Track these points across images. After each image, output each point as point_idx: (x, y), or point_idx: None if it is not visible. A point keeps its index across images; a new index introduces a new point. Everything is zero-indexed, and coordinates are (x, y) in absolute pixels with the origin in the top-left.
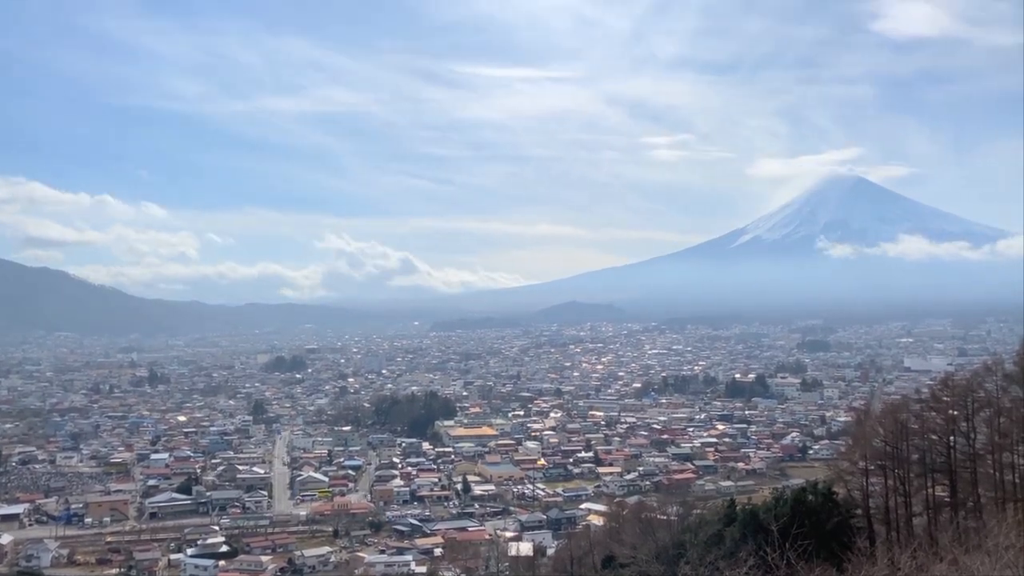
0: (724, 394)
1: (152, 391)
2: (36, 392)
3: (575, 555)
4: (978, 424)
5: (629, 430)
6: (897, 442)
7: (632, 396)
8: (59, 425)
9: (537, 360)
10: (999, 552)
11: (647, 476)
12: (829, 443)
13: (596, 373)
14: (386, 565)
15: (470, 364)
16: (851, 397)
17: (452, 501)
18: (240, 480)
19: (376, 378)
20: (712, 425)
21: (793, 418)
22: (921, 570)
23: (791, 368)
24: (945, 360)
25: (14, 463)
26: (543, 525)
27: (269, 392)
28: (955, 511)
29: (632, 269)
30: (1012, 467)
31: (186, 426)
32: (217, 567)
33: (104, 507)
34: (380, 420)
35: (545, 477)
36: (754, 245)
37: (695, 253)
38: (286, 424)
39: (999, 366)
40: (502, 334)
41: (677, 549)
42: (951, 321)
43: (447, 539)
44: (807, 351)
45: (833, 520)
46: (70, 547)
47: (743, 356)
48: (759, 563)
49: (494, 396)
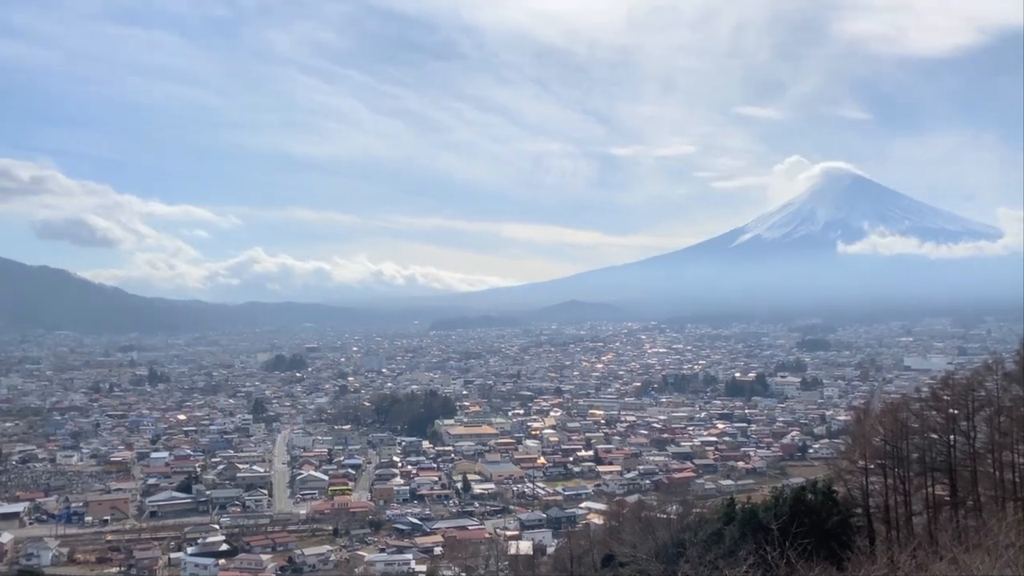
0: (724, 393)
1: (152, 390)
2: (36, 391)
3: (575, 554)
4: (978, 423)
5: (629, 429)
6: (897, 441)
7: (632, 395)
8: (59, 424)
9: (537, 359)
10: (999, 551)
11: (647, 475)
12: (829, 442)
13: (596, 372)
14: (386, 564)
15: (470, 363)
16: (851, 396)
17: (452, 500)
18: (240, 479)
19: (376, 377)
20: (712, 424)
21: (793, 417)
22: (921, 569)
23: (791, 367)
24: (945, 359)
25: (14, 461)
26: (543, 524)
27: (269, 391)
28: (955, 510)
29: (632, 268)
30: (1012, 466)
31: (186, 425)
32: (217, 566)
33: (104, 506)
34: (380, 419)
35: (545, 476)
36: (754, 244)
37: (695, 252)
38: (286, 423)
39: (999, 365)
40: (502, 333)
41: (677, 548)
42: (951, 320)
43: (447, 538)
44: (807, 350)
45: (833, 519)
46: (70, 546)
47: (743, 355)
48: (759, 562)
49: (494, 395)
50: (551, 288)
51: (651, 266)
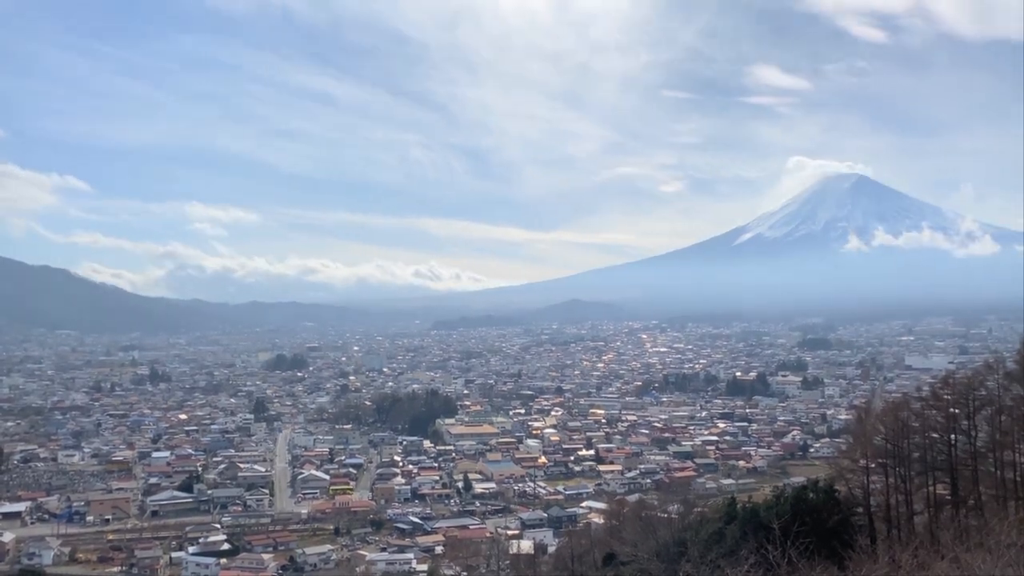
0: (725, 392)
1: (153, 389)
2: (38, 390)
3: (576, 553)
4: (979, 422)
5: (630, 428)
6: (898, 440)
7: (633, 394)
8: (61, 423)
9: (538, 358)
10: (1000, 550)
11: (648, 474)
12: (830, 441)
13: (597, 371)
14: (387, 563)
15: (471, 362)
16: (852, 395)
17: (453, 499)
18: (241, 478)
19: (377, 376)
20: (713, 423)
21: (794, 416)
22: (922, 568)
23: (792, 366)
24: (946, 358)
25: (16, 461)
26: (544, 523)
27: (270, 390)
28: (956, 509)
29: (633, 267)
30: (1013, 465)
31: (187, 424)
32: (218, 565)
33: (106, 505)
34: (381, 418)
35: (546, 475)
36: (755, 243)
37: (696, 251)
38: (287, 422)
39: (1000, 364)
40: (503, 332)
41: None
42: (952, 319)
43: (448, 537)
44: (808, 349)
45: (834, 518)
46: (72, 545)
47: (744, 354)
48: (760, 561)
49: (495, 394)
50: (552, 287)
51: (652, 265)
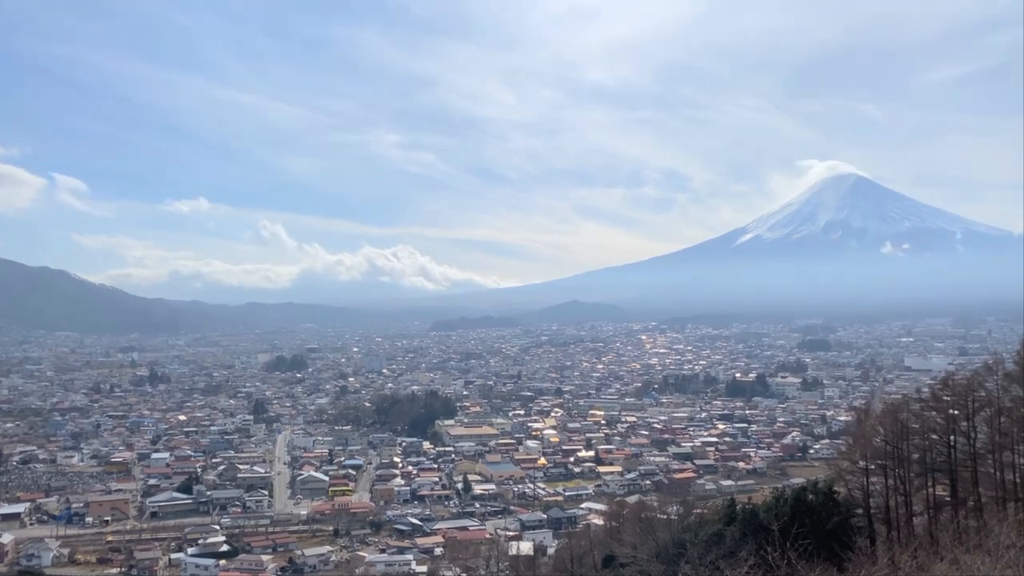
0: (724, 393)
1: (153, 390)
2: (37, 391)
3: (575, 554)
4: (979, 423)
5: (629, 429)
6: (898, 441)
7: (632, 395)
8: (60, 424)
9: (537, 359)
10: (1000, 551)
11: (647, 475)
12: (829, 442)
13: (596, 372)
14: (387, 564)
15: (470, 363)
16: (851, 396)
17: (452, 500)
18: (241, 479)
19: (376, 377)
20: (712, 424)
21: (793, 417)
22: (922, 569)
23: (791, 367)
24: (945, 359)
25: (15, 462)
26: (543, 524)
27: (270, 391)
28: (956, 510)
29: (632, 269)
30: (1013, 466)
31: (187, 425)
32: (218, 566)
33: (105, 506)
34: (380, 419)
35: (545, 476)
36: (755, 244)
37: (696, 253)
38: (287, 423)
39: (1000, 365)
40: (502, 333)
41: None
42: (951, 320)
43: (447, 538)
44: (807, 350)
45: (833, 519)
46: (71, 546)
47: (743, 355)
48: (759, 562)
49: (494, 395)
50: (552, 289)
51: (652, 266)
